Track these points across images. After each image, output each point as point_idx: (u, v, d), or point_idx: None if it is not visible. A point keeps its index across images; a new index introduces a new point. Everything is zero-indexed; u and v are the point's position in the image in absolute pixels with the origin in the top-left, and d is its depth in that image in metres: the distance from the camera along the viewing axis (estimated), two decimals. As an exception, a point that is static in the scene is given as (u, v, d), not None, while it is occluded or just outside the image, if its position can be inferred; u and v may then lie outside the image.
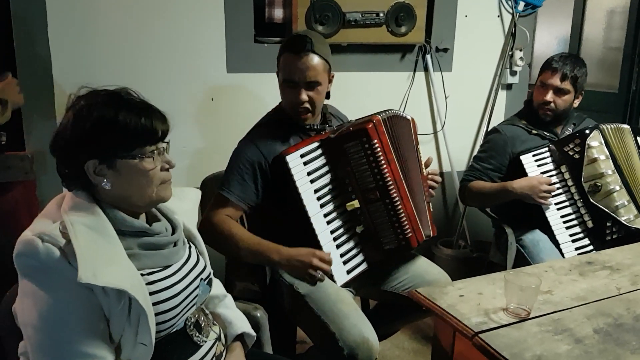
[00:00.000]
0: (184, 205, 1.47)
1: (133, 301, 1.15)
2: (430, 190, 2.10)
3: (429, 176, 2.10)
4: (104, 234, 1.17)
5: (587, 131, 2.32)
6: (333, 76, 1.96)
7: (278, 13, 2.85)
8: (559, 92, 2.37)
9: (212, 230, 1.83)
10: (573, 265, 1.79)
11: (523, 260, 2.33)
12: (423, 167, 2.10)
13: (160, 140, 1.25)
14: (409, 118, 2.08)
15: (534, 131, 2.44)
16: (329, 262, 1.79)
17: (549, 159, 2.37)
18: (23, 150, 2.39)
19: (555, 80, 2.36)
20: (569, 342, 1.34)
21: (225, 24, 2.66)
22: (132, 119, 1.19)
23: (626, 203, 2.31)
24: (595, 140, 2.32)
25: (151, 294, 1.21)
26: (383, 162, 1.85)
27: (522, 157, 2.35)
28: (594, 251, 2.24)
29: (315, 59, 1.85)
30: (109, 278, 1.12)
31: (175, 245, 1.33)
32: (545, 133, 2.44)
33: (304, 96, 1.87)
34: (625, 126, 2.43)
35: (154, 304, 1.21)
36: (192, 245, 1.43)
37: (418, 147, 2.10)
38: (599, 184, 2.29)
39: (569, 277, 1.70)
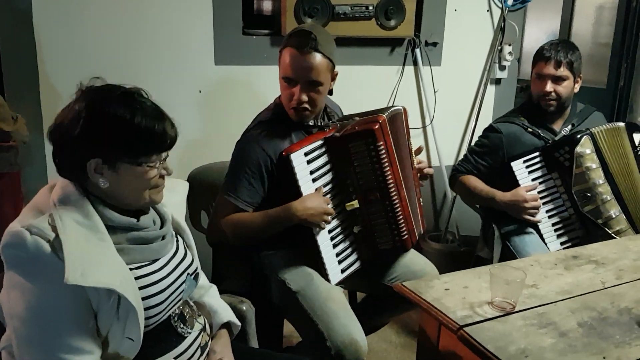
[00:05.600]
0: (173, 197, 1.45)
1: (122, 298, 1.14)
2: (420, 180, 2.10)
3: (419, 166, 2.09)
4: (93, 229, 1.16)
5: (578, 136, 2.25)
6: (337, 74, 1.88)
7: (267, 5, 2.83)
8: (557, 80, 2.29)
9: (225, 233, 1.82)
10: (558, 259, 1.80)
11: (510, 254, 2.33)
12: (414, 158, 2.08)
13: (168, 148, 1.24)
14: (401, 109, 2.03)
15: (529, 129, 2.37)
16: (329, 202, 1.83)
17: (540, 164, 2.32)
18: (8, 142, 2.36)
19: (550, 69, 2.29)
20: (553, 335, 1.34)
21: (214, 16, 2.64)
22: (146, 125, 1.18)
23: (617, 213, 2.25)
24: (585, 148, 2.24)
25: (140, 288, 1.20)
26: (386, 163, 1.82)
27: (512, 164, 2.30)
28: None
29: (318, 58, 1.76)
30: (98, 277, 1.11)
31: (163, 238, 1.32)
32: (540, 132, 2.37)
33: (304, 97, 1.79)
34: (621, 124, 2.33)
35: (143, 299, 1.20)
36: (179, 238, 1.42)
37: (409, 139, 2.07)
38: (589, 194, 2.24)
39: (554, 271, 1.71)
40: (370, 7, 2.78)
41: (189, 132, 2.71)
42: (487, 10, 3.20)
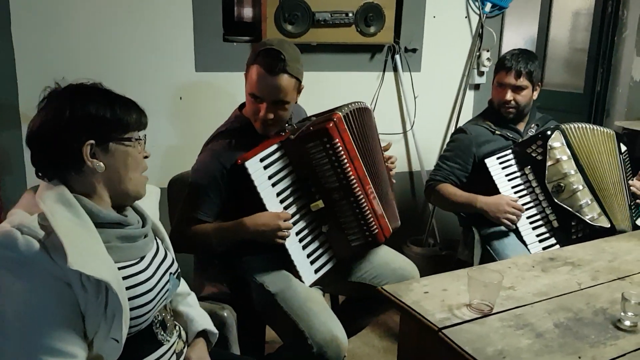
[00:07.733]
0: (147, 201, 1.46)
1: (111, 297, 1.14)
2: (390, 172, 2.12)
3: (388, 161, 2.11)
4: (83, 227, 1.16)
5: (549, 132, 2.36)
6: (302, 87, 1.90)
7: (247, 12, 2.84)
8: (517, 89, 2.43)
9: (182, 242, 1.80)
10: (536, 261, 1.83)
11: (490, 257, 2.36)
12: (383, 154, 2.10)
13: (144, 127, 1.31)
14: (369, 107, 2.05)
15: (497, 132, 2.48)
16: (289, 218, 1.82)
17: (513, 161, 2.40)
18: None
19: (511, 79, 2.42)
20: (530, 336, 1.36)
21: (194, 23, 2.64)
22: (125, 100, 1.27)
23: (589, 202, 2.34)
24: (556, 141, 2.35)
25: (127, 288, 1.20)
26: (345, 161, 1.82)
27: (486, 161, 2.37)
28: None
29: (286, 79, 1.78)
30: (95, 269, 1.10)
31: (145, 237, 1.33)
32: (508, 134, 2.48)
33: (270, 115, 1.81)
34: (611, 131, 2.47)
35: (130, 298, 1.20)
36: (158, 240, 1.43)
37: (378, 136, 2.09)
38: (562, 184, 2.33)
39: (531, 273, 1.73)
40: (350, 14, 2.80)
41: (170, 138, 2.71)
42: (465, 17, 3.24)
